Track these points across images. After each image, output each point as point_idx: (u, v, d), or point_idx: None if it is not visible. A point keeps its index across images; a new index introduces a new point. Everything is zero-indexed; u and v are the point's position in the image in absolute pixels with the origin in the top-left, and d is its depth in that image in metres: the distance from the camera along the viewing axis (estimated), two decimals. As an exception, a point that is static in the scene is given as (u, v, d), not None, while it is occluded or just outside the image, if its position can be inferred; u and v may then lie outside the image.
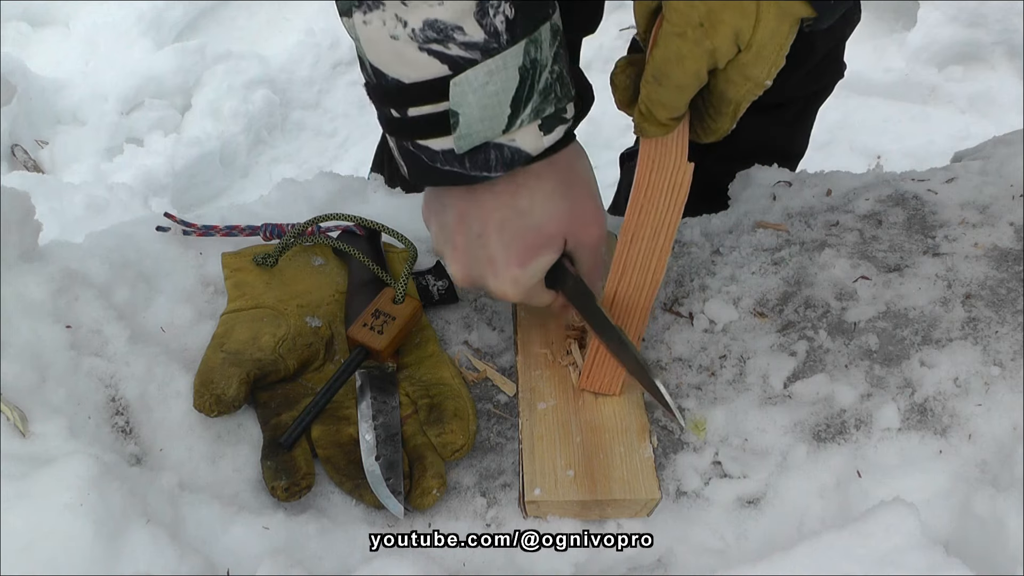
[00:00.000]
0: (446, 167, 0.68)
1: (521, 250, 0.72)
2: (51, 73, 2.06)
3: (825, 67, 1.26)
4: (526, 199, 0.71)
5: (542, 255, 0.73)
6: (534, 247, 0.72)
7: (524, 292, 0.75)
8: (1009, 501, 0.67)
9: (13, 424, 0.68)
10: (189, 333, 0.84)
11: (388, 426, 0.77)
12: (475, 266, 0.74)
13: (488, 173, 0.68)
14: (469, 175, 0.68)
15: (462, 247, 0.74)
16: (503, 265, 0.73)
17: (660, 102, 0.63)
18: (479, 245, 0.73)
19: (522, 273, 0.73)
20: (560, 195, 0.72)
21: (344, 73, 2.25)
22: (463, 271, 0.75)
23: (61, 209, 1.67)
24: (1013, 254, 0.91)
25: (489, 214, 0.72)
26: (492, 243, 0.72)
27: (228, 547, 0.69)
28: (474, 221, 0.72)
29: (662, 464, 0.78)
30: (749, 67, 0.61)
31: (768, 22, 0.58)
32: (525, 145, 0.68)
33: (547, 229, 0.72)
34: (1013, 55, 2.15)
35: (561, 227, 0.73)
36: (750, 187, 1.07)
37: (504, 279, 0.73)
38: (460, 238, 0.74)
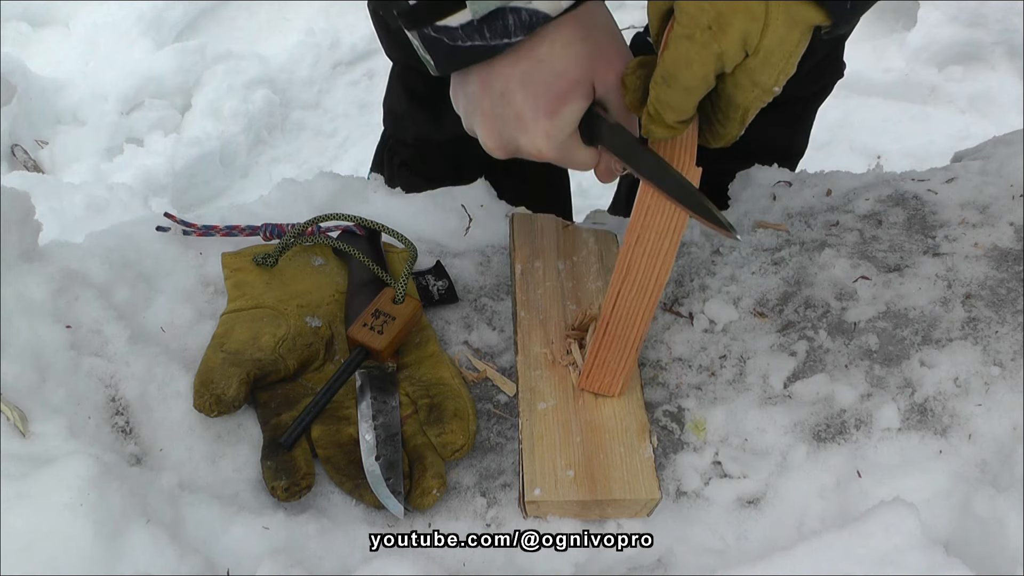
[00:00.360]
0: (468, 43, 0.66)
1: (548, 100, 0.69)
2: (51, 73, 2.06)
3: (825, 67, 1.26)
4: (546, 47, 0.68)
5: (571, 102, 0.69)
6: (561, 94, 0.69)
7: (559, 147, 0.72)
8: (1009, 501, 0.67)
9: (13, 424, 0.68)
10: (189, 333, 0.84)
11: (388, 426, 0.77)
12: (504, 127, 0.72)
13: (508, 39, 0.66)
14: (490, 45, 0.66)
15: (488, 111, 0.71)
16: (532, 118, 0.70)
17: (668, 104, 0.63)
18: (504, 104, 0.70)
19: (552, 124, 0.70)
20: (580, 38, 0.69)
21: (344, 73, 2.25)
22: (494, 136, 0.73)
23: (61, 209, 1.67)
24: (1013, 254, 0.91)
25: (511, 70, 0.69)
26: (517, 98, 0.69)
27: (228, 547, 0.69)
28: (496, 81, 0.70)
29: (662, 464, 0.78)
30: (757, 72, 0.60)
31: (777, 28, 0.57)
32: (543, 6, 0.65)
33: (571, 74, 0.69)
34: (1013, 55, 2.14)
35: (586, 70, 0.69)
36: (750, 187, 1.07)
37: (536, 133, 0.70)
38: (486, 102, 0.71)
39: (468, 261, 0.96)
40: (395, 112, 1.39)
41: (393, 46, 1.27)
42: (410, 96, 1.32)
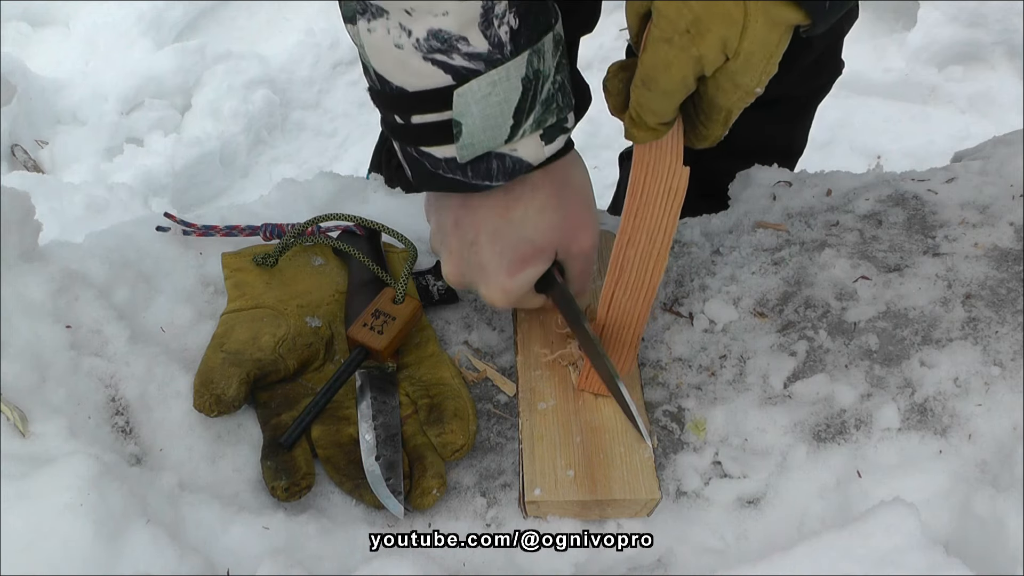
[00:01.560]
0: (448, 175, 0.69)
1: (511, 261, 0.73)
2: (51, 73, 2.06)
3: (824, 64, 1.26)
4: (520, 211, 0.72)
5: (531, 266, 0.74)
6: (524, 259, 0.73)
7: (513, 300, 0.76)
8: (1009, 501, 0.67)
9: (13, 424, 0.68)
10: (189, 333, 0.84)
11: (388, 426, 0.77)
12: (467, 271, 0.76)
13: (490, 182, 0.69)
14: (471, 183, 0.69)
15: (456, 251, 0.75)
16: (493, 274, 0.74)
17: (649, 107, 0.63)
18: (472, 252, 0.74)
19: (511, 283, 0.74)
20: (552, 207, 0.72)
21: (344, 73, 2.25)
22: (455, 274, 0.77)
23: (61, 209, 1.67)
24: (1013, 254, 0.91)
25: (482, 223, 0.72)
26: (484, 252, 0.73)
27: (228, 547, 0.69)
28: (468, 228, 0.73)
29: (662, 464, 0.78)
30: (738, 75, 0.59)
31: (756, 30, 0.57)
32: (527, 155, 0.68)
33: (538, 242, 0.73)
34: (1013, 55, 2.14)
35: (552, 239, 0.74)
36: (750, 187, 1.07)
37: (493, 288, 0.75)
38: (454, 242, 0.75)
39: (468, 261, 0.96)
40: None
41: None
42: None
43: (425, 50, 0.62)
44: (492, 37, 0.62)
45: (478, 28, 0.61)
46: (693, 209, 1.07)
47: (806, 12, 0.56)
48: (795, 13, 0.56)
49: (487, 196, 0.71)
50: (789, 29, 0.57)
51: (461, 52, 0.62)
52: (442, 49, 0.62)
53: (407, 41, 0.62)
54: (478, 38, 0.62)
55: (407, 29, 0.61)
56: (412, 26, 0.61)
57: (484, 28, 0.61)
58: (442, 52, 0.62)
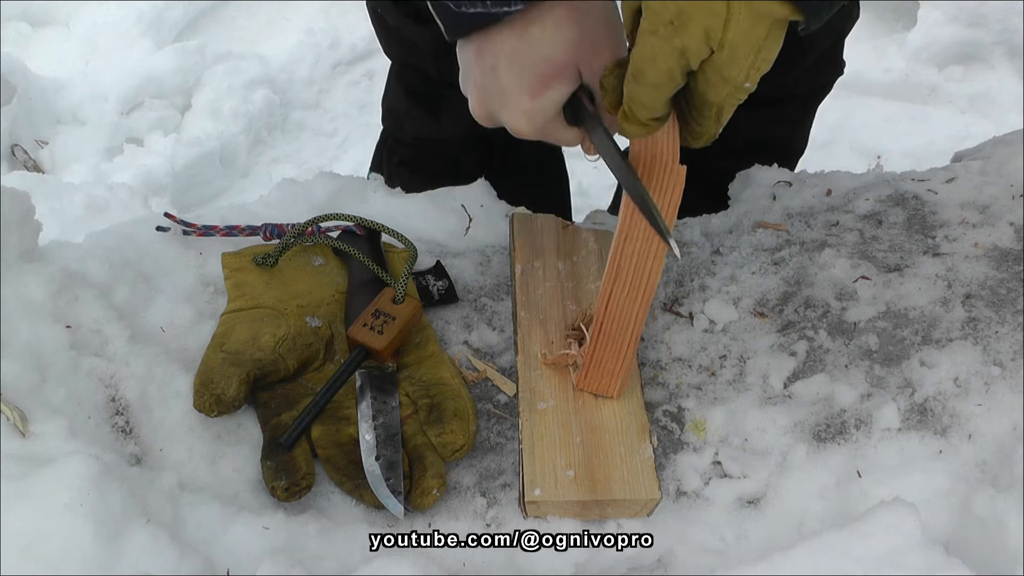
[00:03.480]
0: (470, 9, 0.67)
1: (532, 81, 0.70)
2: (51, 73, 2.06)
3: (825, 64, 1.26)
4: (537, 29, 0.69)
5: (554, 86, 0.70)
6: (545, 77, 0.70)
7: (539, 126, 0.73)
8: (1009, 501, 0.67)
9: (13, 424, 0.68)
10: (189, 333, 0.84)
11: (388, 426, 0.77)
12: (489, 99, 0.73)
13: (508, 8, 0.67)
14: (491, 13, 0.67)
15: (478, 82, 0.73)
16: (515, 97, 0.71)
17: (639, 101, 0.63)
18: (493, 78, 0.71)
19: (533, 105, 0.71)
20: (572, 21, 0.69)
21: (344, 73, 2.25)
22: (481, 107, 0.75)
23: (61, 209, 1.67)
24: (1013, 254, 0.91)
25: (501, 47, 0.70)
26: (504, 75, 0.71)
27: (228, 547, 0.69)
28: (488, 55, 0.71)
29: (662, 464, 0.78)
30: (725, 68, 0.59)
31: (740, 22, 0.56)
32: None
33: (557, 58, 0.70)
34: (1013, 55, 2.14)
35: (573, 55, 0.70)
36: (750, 187, 1.07)
37: (516, 111, 0.72)
38: (477, 72, 0.73)
39: (468, 261, 0.96)
40: (394, 111, 1.39)
41: (392, 44, 1.27)
42: (408, 95, 1.32)
43: None
44: None
45: None
46: (693, 209, 1.07)
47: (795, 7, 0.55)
48: (782, 7, 0.55)
49: (505, 25, 0.69)
50: (779, 24, 0.57)
51: None
52: None
53: None
54: None
55: None
56: None
57: None
58: None
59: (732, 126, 0.68)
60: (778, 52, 0.59)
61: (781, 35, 0.58)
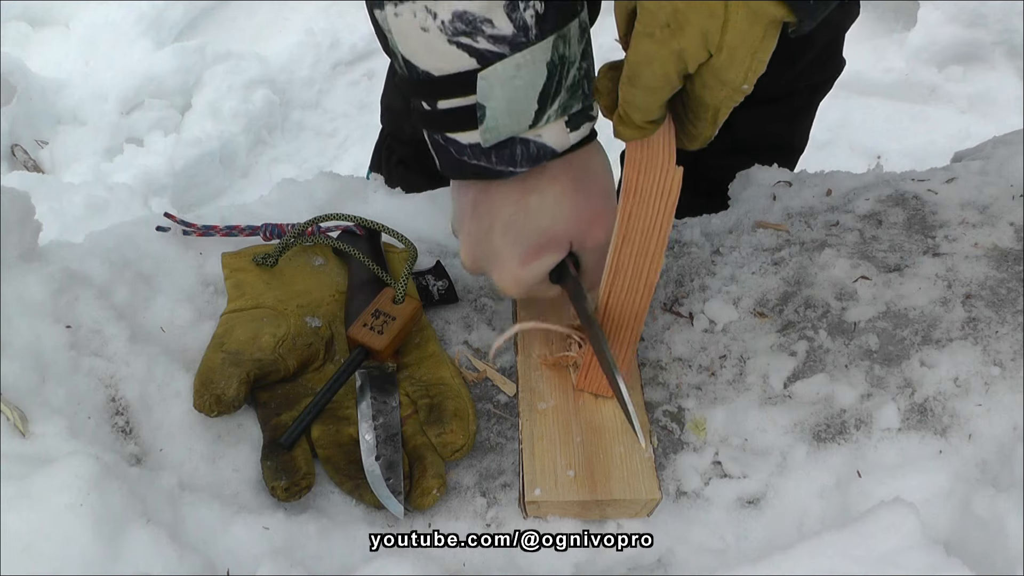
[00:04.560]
0: (473, 161, 0.69)
1: (525, 251, 0.73)
2: (51, 73, 2.06)
3: (825, 61, 1.26)
4: (536, 199, 0.72)
5: (545, 256, 0.73)
6: (538, 249, 0.73)
7: (525, 290, 0.76)
8: (1009, 501, 0.67)
9: (13, 424, 0.68)
10: (189, 333, 0.84)
11: (388, 426, 0.77)
12: (481, 257, 0.76)
13: (513, 168, 0.69)
14: (495, 169, 0.69)
15: (472, 236, 0.75)
16: (507, 263, 0.74)
17: (634, 104, 0.62)
18: (487, 238, 0.74)
19: (524, 272, 0.74)
20: (569, 199, 0.72)
21: (344, 73, 2.25)
22: (470, 258, 0.77)
23: (61, 209, 1.67)
24: (1013, 254, 0.91)
25: (499, 210, 0.72)
26: (498, 240, 0.73)
27: (228, 547, 0.69)
28: (485, 214, 0.73)
29: (662, 464, 0.78)
30: (723, 71, 0.59)
31: (737, 24, 0.56)
32: (551, 141, 0.68)
33: (552, 232, 0.73)
34: (1013, 55, 2.15)
35: (567, 231, 0.73)
36: (750, 187, 1.07)
37: (506, 276, 0.74)
38: (471, 226, 0.75)
39: (468, 261, 0.96)
40: (392, 109, 1.39)
41: None
42: None
43: (450, 32, 0.62)
44: (517, 20, 0.62)
45: (503, 11, 0.62)
46: (693, 209, 1.07)
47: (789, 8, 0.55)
48: (779, 9, 0.55)
49: (506, 183, 0.71)
50: (774, 25, 0.56)
51: (486, 35, 0.62)
52: (467, 31, 0.62)
53: (433, 24, 0.62)
54: (503, 20, 0.62)
55: (432, 12, 0.62)
56: (438, 8, 0.62)
57: (509, 11, 0.62)
58: (467, 35, 0.62)
59: (732, 124, 0.68)
60: (772, 53, 0.58)
61: (776, 36, 0.57)
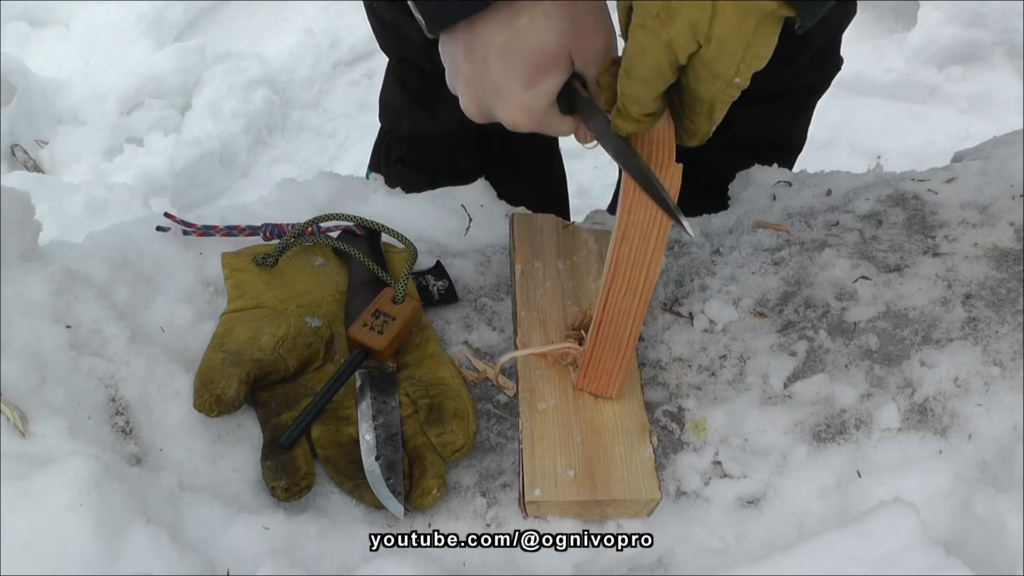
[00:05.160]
0: None
1: (525, 72, 0.69)
2: (51, 73, 2.06)
3: (823, 59, 1.26)
4: (525, 19, 0.68)
5: (548, 76, 0.70)
6: (538, 68, 0.69)
7: (536, 118, 0.72)
8: (1009, 501, 0.67)
9: (13, 424, 0.68)
10: (189, 333, 0.84)
11: (388, 426, 0.77)
12: (482, 94, 0.72)
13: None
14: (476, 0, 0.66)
15: (469, 77, 0.72)
16: (509, 89, 0.70)
17: (631, 97, 0.62)
18: (483, 72, 0.71)
19: (529, 97, 0.70)
20: (560, 8, 0.69)
21: (344, 73, 2.25)
22: (473, 103, 0.74)
23: (61, 209, 1.67)
24: (1013, 254, 0.91)
25: (491, 39, 0.69)
26: (495, 69, 0.70)
27: (228, 547, 0.69)
28: (477, 49, 0.70)
29: (662, 464, 0.78)
30: (714, 63, 0.59)
31: (726, 16, 0.56)
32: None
33: (549, 47, 0.69)
34: (1013, 55, 2.14)
35: (564, 43, 0.69)
36: (750, 187, 1.07)
37: (511, 104, 0.71)
38: (466, 67, 0.72)
39: (468, 261, 0.96)
40: (391, 107, 1.39)
41: (388, 40, 1.27)
42: (405, 90, 1.32)
43: None
44: None
45: None
46: (693, 207, 1.07)
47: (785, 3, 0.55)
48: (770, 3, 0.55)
49: (491, 15, 0.68)
50: (769, 19, 0.56)
51: None
52: None
53: None
54: None
55: None
56: None
57: None
58: None
59: (731, 123, 0.68)
60: (773, 49, 0.58)
61: (774, 31, 0.58)
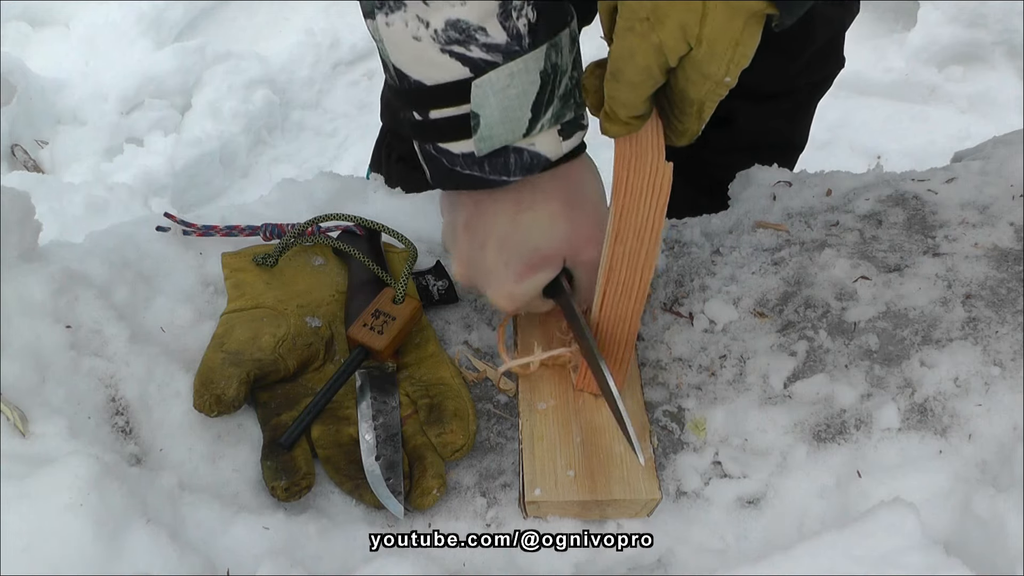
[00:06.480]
0: (466, 171, 0.69)
1: (518, 268, 0.73)
2: (51, 73, 2.06)
3: (825, 58, 1.26)
4: (529, 217, 0.72)
5: (539, 274, 0.74)
6: (531, 266, 0.73)
7: (520, 306, 0.76)
8: (1009, 501, 0.67)
9: (13, 424, 0.68)
10: (189, 333, 0.84)
11: (388, 426, 0.77)
12: (474, 273, 0.76)
13: (507, 177, 0.69)
14: (488, 179, 0.69)
15: (465, 252, 0.76)
16: (500, 280, 0.74)
17: (619, 100, 0.62)
18: (480, 255, 0.74)
19: (517, 289, 0.74)
20: (563, 217, 0.72)
21: (344, 73, 2.25)
22: (463, 274, 0.77)
23: (61, 209, 1.67)
24: (1013, 254, 0.91)
25: (492, 227, 0.73)
26: (491, 257, 0.74)
27: (228, 547, 0.69)
28: (478, 231, 0.74)
29: (662, 464, 0.78)
30: (705, 64, 0.59)
31: (716, 16, 0.56)
32: (544, 149, 0.69)
33: (546, 250, 0.73)
34: (1013, 55, 2.15)
35: (561, 249, 0.74)
36: (750, 187, 1.07)
37: (500, 292, 0.75)
38: (464, 243, 0.75)
39: (468, 261, 0.96)
40: (392, 106, 1.39)
41: None
42: None
43: (443, 41, 0.62)
44: (511, 29, 0.62)
45: (496, 19, 0.62)
46: (694, 206, 1.07)
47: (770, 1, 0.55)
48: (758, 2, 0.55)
49: (499, 199, 0.71)
50: (756, 18, 0.56)
51: (479, 43, 0.62)
52: (460, 40, 0.62)
53: (425, 33, 0.62)
54: (496, 29, 0.62)
55: (425, 20, 0.62)
56: (430, 17, 0.61)
57: (503, 19, 0.62)
58: (460, 43, 0.62)
59: (733, 121, 0.68)
60: (756, 47, 0.58)
61: (759, 29, 0.57)
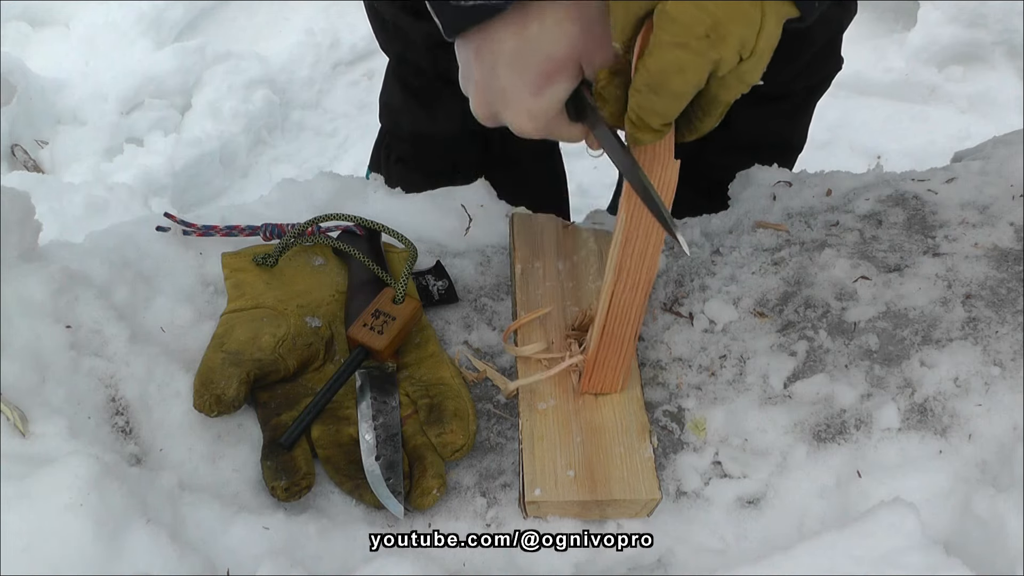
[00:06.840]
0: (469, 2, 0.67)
1: (533, 79, 0.69)
2: (51, 73, 2.06)
3: (824, 59, 1.26)
4: (536, 26, 0.68)
5: (555, 83, 0.70)
6: (546, 75, 0.69)
7: (542, 125, 0.72)
8: (1009, 501, 0.67)
9: (13, 424, 0.68)
10: (189, 333, 0.84)
11: (388, 426, 0.77)
12: (491, 99, 0.73)
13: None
14: (490, 4, 0.67)
15: (479, 81, 0.72)
16: (517, 95, 0.70)
17: (655, 111, 0.62)
18: (493, 77, 0.71)
19: (536, 103, 0.70)
20: (571, 18, 0.69)
21: (344, 73, 2.25)
22: (481, 105, 0.74)
23: (61, 209, 1.67)
24: (1013, 254, 0.91)
25: (500, 45, 0.70)
26: (504, 74, 0.70)
27: (228, 547, 0.69)
28: (487, 54, 0.71)
29: (662, 464, 0.78)
30: (748, 73, 0.60)
31: (769, 28, 0.57)
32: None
33: (558, 56, 0.69)
34: (1013, 55, 2.14)
35: (573, 52, 0.69)
36: (750, 187, 1.07)
37: (519, 110, 0.71)
38: (477, 72, 0.72)
39: (468, 261, 0.96)
40: (391, 107, 1.39)
41: (388, 40, 1.27)
42: (404, 90, 1.32)
43: None
44: None
45: None
46: (693, 207, 1.07)
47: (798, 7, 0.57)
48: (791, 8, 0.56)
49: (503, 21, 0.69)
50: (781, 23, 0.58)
51: None
52: None
53: None
54: None
55: None
56: None
57: None
58: None
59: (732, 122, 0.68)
60: None
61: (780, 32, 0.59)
